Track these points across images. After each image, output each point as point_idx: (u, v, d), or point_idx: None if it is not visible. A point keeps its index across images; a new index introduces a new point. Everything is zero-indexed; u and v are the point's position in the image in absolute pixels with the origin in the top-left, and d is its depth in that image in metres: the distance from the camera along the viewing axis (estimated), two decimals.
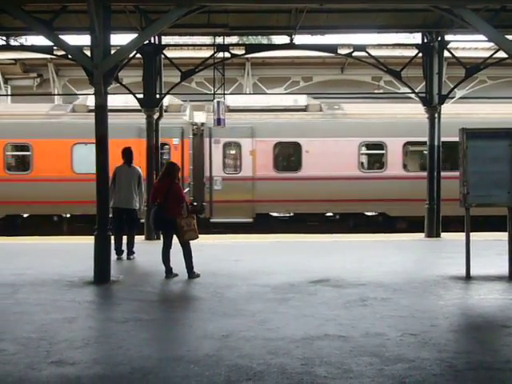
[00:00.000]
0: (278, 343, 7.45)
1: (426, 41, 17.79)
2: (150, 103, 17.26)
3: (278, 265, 12.93)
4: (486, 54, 18.64)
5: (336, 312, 8.99)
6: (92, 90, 11.62)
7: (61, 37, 12.03)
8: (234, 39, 21.29)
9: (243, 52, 17.73)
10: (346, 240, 17.15)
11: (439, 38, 17.53)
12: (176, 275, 11.65)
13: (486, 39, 13.89)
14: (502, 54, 15.95)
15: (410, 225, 20.28)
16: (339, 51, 17.55)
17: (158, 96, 17.40)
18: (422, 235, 17.76)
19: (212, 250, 14.89)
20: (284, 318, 8.62)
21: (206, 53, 18.53)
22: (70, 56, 12.86)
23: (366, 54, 17.40)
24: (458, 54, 18.64)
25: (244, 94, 23.54)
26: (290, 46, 16.92)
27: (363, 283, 10.99)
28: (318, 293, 10.30)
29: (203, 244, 14.06)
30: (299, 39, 17.08)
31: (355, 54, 17.45)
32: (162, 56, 17.67)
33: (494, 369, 6.61)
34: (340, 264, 13.06)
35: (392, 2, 12.64)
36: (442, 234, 17.74)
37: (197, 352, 7.15)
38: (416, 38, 19.56)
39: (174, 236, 11.74)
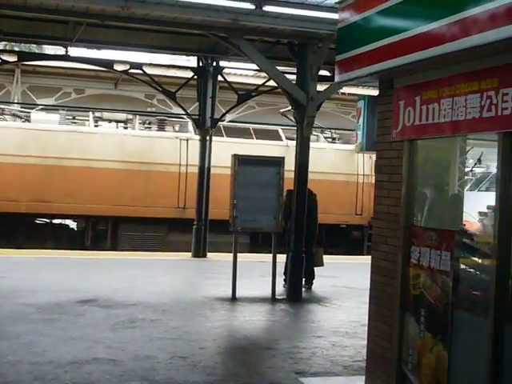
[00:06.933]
0: (46, 368, 7.21)
1: (201, 64, 18.19)
2: None
3: (44, 283, 12.50)
4: (256, 81, 19.39)
5: (105, 334, 8.87)
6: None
7: None
8: (1, 44, 20.32)
9: (15, 59, 17.05)
10: (114, 258, 16.95)
11: (214, 63, 18.01)
12: None
13: (259, 68, 14.49)
14: (271, 83, 16.70)
15: None
16: (115, 67, 17.41)
17: None
18: (189, 255, 18.00)
19: None
20: (51, 341, 8.36)
21: None
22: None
23: (142, 72, 17.44)
24: (229, 78, 19.23)
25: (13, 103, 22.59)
26: (66, 57, 16.50)
27: (132, 303, 10.95)
28: (86, 313, 10.11)
29: None
30: (75, 51, 16.74)
31: (131, 71, 17.42)
32: None
33: None
34: (108, 283, 12.89)
35: (170, 25, 12.78)
36: (208, 254, 18.11)
37: None
38: (192, 60, 19.89)
39: None
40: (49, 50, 20.61)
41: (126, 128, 21.46)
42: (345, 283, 14.30)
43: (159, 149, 19.98)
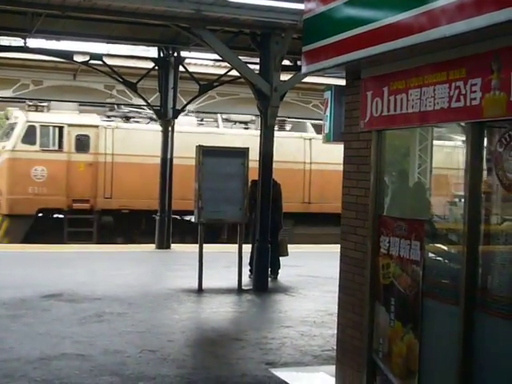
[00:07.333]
0: (14, 364, 7.12)
1: (162, 55, 18.06)
2: None
3: (7, 278, 12.30)
4: (216, 71, 19.35)
5: (72, 329, 8.79)
6: None
7: None
8: None
9: None
10: (76, 251, 16.78)
11: (175, 54, 17.90)
12: None
13: (222, 59, 14.44)
14: (234, 73, 16.63)
15: None
16: (75, 58, 17.20)
17: None
18: (152, 246, 17.92)
19: None
20: (18, 337, 8.26)
21: None
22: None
23: (102, 63, 17.27)
24: (190, 69, 19.13)
25: None
26: (24, 48, 16.25)
27: (98, 297, 10.87)
28: (51, 308, 10.00)
29: None
30: (34, 42, 16.49)
31: (91, 62, 17.23)
32: None
33: (231, 383, 6.88)
34: (73, 277, 12.74)
35: (132, 16, 12.66)
36: (172, 246, 18.05)
37: None
38: (152, 51, 19.73)
39: None
40: (3, 40, 20.28)
41: (246, 128, 22.77)
42: (309, 272, 14.38)
43: (287, 148, 20.79)
